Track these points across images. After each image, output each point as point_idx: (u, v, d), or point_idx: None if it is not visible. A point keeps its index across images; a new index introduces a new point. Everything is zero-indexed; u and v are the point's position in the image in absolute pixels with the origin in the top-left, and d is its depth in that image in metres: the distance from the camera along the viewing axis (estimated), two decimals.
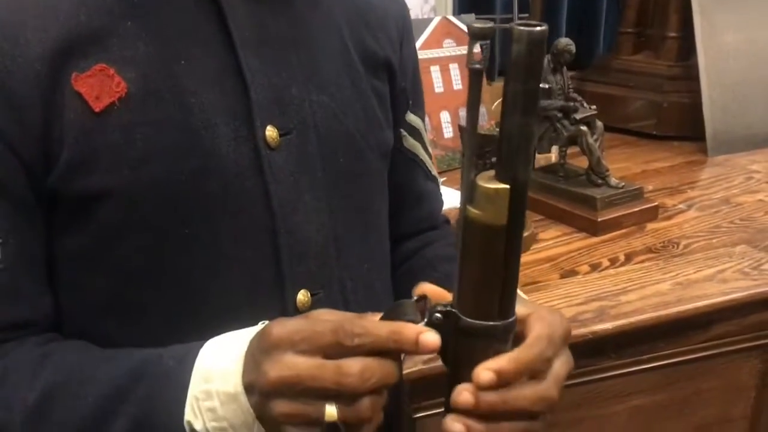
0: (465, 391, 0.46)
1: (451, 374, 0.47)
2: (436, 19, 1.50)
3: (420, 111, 0.80)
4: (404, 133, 0.77)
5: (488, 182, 0.42)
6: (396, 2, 0.77)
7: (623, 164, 1.47)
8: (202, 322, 0.54)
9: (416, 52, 0.80)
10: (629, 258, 1.10)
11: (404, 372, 0.49)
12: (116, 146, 0.54)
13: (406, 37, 0.77)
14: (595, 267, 1.08)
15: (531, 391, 0.47)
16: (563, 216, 1.22)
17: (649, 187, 1.33)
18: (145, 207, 0.55)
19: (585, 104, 1.24)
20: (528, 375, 0.47)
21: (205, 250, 0.57)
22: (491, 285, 0.44)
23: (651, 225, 1.21)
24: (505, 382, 0.46)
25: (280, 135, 0.60)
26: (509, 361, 0.46)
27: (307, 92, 0.63)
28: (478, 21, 0.42)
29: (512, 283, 0.45)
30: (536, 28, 0.40)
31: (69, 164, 0.54)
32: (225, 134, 0.57)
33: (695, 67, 1.55)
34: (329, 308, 0.50)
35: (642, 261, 1.09)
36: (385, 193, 0.73)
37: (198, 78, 0.57)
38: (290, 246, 0.60)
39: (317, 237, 0.62)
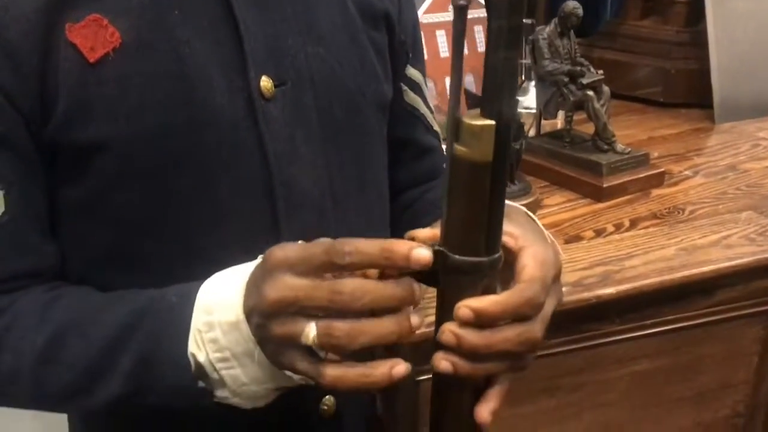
0: (449, 331, 0.46)
1: (441, 313, 0.47)
2: None
3: (420, 65, 0.79)
4: (404, 88, 0.77)
5: (474, 119, 0.43)
6: None
7: (629, 131, 1.46)
8: (200, 274, 0.54)
9: (415, 5, 0.79)
10: (634, 224, 1.10)
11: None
12: (111, 97, 0.54)
13: None
14: (600, 232, 1.07)
15: (515, 333, 0.47)
16: (568, 182, 1.21)
17: (655, 154, 1.32)
18: (141, 158, 0.55)
19: (592, 69, 1.23)
20: (515, 317, 0.48)
21: (202, 202, 0.57)
22: (478, 221, 0.44)
23: (656, 191, 1.20)
24: (488, 323, 0.46)
25: (275, 86, 0.59)
26: (492, 304, 0.46)
27: (303, 44, 0.62)
28: None
29: (498, 219, 0.45)
30: None
31: (65, 115, 0.54)
32: (219, 85, 0.57)
33: (704, 33, 1.53)
34: None
35: (647, 227, 1.09)
36: (384, 148, 0.73)
37: (192, 28, 0.57)
38: (286, 198, 0.60)
39: (314, 190, 0.62)
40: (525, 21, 0.45)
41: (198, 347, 0.50)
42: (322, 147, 0.63)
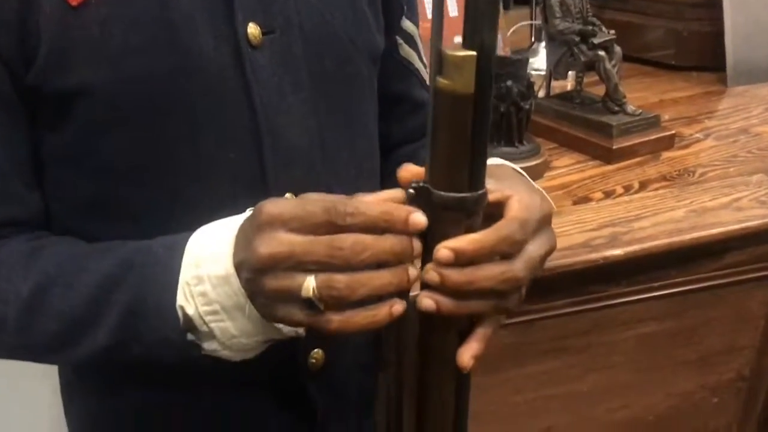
0: (432, 269, 0.46)
1: (425, 251, 0.47)
2: None
3: (414, 17, 0.77)
4: (400, 41, 0.75)
5: (455, 51, 0.42)
6: None
7: (640, 94, 1.43)
8: (186, 224, 0.54)
9: None
10: (644, 186, 1.08)
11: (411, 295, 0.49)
12: (93, 41, 0.53)
13: None
14: (609, 194, 1.06)
15: (497, 271, 0.47)
16: (578, 143, 1.20)
17: (666, 117, 1.30)
18: (126, 105, 0.54)
19: (603, 29, 1.21)
20: (495, 255, 0.47)
21: (188, 151, 0.56)
22: (461, 156, 0.44)
23: (667, 154, 1.19)
24: (467, 261, 0.46)
25: (263, 33, 0.58)
26: (469, 242, 0.46)
27: None
28: None
29: (481, 155, 0.45)
30: None
31: (47, 60, 0.52)
32: (205, 31, 0.56)
33: None
34: None
35: (656, 189, 1.07)
36: (374, 100, 0.71)
37: None
38: (274, 148, 0.59)
39: (302, 141, 0.61)
40: None
41: (187, 300, 0.50)
42: (312, 97, 0.61)
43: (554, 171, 1.14)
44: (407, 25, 0.76)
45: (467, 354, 0.49)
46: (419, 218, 0.45)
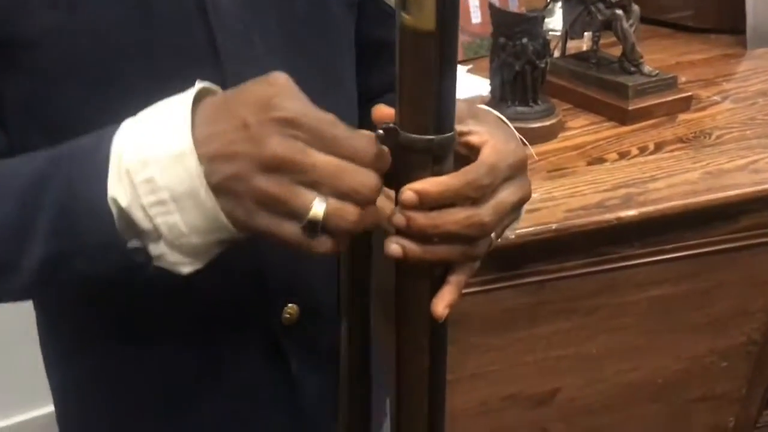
0: (398, 212, 0.45)
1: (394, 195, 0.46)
2: None
3: None
4: None
5: None
6: None
7: (657, 56, 1.41)
8: None
9: None
10: (659, 147, 1.07)
11: None
12: None
13: None
14: (624, 155, 1.05)
15: (462, 215, 0.45)
16: (593, 104, 1.18)
17: (683, 79, 1.28)
18: (82, 54, 0.51)
19: None
20: (462, 200, 0.46)
21: (149, 103, 0.50)
22: (426, 96, 0.43)
23: (683, 116, 1.17)
24: (433, 205, 0.44)
25: None
26: (434, 184, 0.44)
27: None
28: None
29: (448, 96, 0.43)
30: None
31: (4, 8, 0.49)
32: None
33: None
34: None
35: (672, 150, 1.06)
36: (351, 51, 0.68)
37: None
38: None
39: None
40: None
41: (123, 189, 0.43)
42: (282, 45, 0.58)
43: (569, 132, 1.13)
44: None
45: (441, 305, 0.48)
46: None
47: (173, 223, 0.44)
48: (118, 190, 0.43)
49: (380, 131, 0.44)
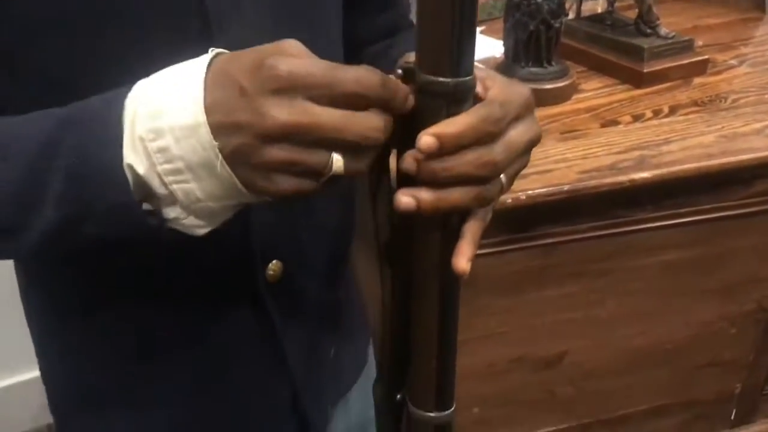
0: (409, 157, 0.44)
1: (408, 139, 0.44)
2: None
3: None
4: None
5: None
6: None
7: (673, 19, 1.38)
8: None
9: None
10: (673, 110, 1.06)
11: None
12: None
13: None
14: (638, 118, 1.04)
15: (474, 156, 0.44)
16: (607, 67, 1.17)
17: (700, 43, 1.26)
18: (64, 6, 0.49)
19: None
20: (475, 140, 0.44)
21: (135, 61, 0.49)
22: (443, 38, 0.42)
23: (699, 79, 1.15)
24: (451, 148, 0.43)
25: None
26: (448, 125, 0.43)
27: None
28: None
29: (466, 40, 0.42)
30: None
31: None
32: None
33: None
34: None
35: (687, 114, 1.05)
36: (340, 10, 0.66)
37: None
38: None
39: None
40: None
41: (138, 156, 0.43)
42: (270, 6, 0.56)
43: (582, 94, 1.11)
44: None
45: (463, 258, 0.47)
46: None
47: (189, 190, 0.43)
48: (134, 158, 0.43)
49: (399, 70, 0.44)
